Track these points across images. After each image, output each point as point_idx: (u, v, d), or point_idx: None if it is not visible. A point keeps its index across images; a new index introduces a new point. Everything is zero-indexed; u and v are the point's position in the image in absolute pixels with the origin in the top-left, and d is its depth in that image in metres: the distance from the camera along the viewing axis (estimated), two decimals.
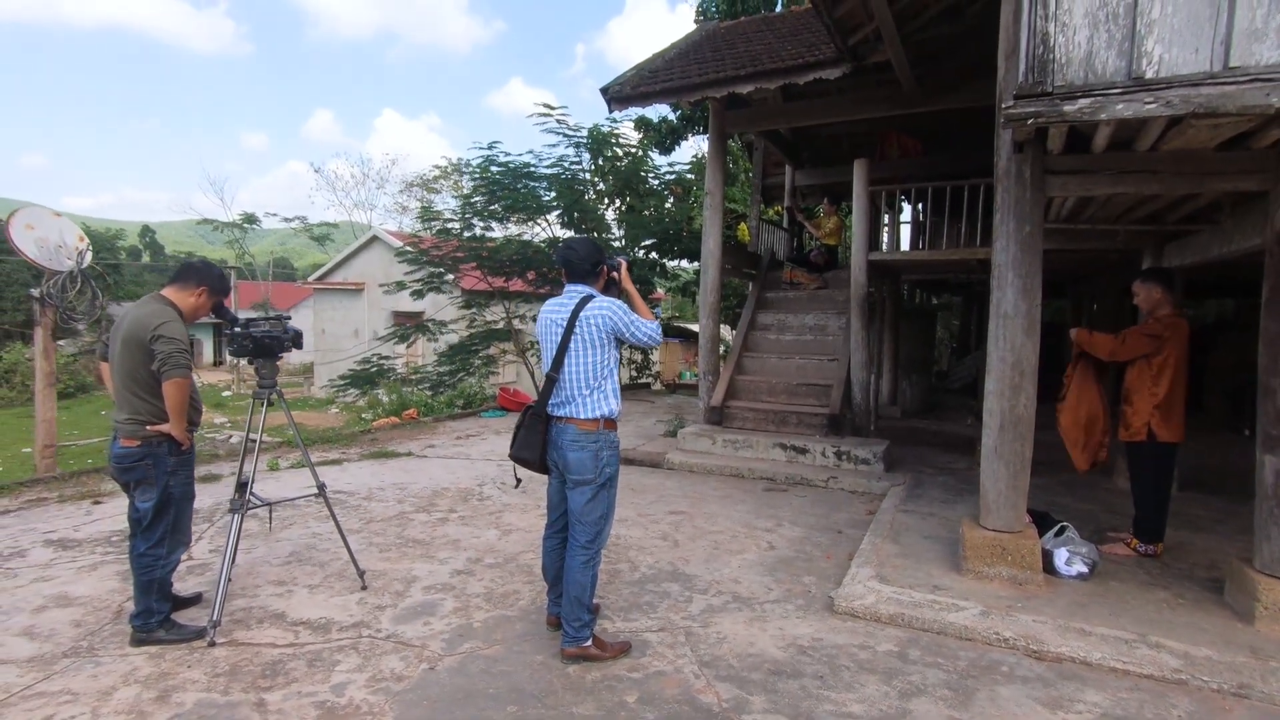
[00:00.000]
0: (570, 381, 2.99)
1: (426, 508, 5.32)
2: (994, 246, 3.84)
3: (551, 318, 3.08)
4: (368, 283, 23.65)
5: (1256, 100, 2.72)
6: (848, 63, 5.91)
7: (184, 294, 3.19)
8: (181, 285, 3.20)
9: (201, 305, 3.23)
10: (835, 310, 8.06)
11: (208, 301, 3.25)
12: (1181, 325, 4.31)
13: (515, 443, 3.14)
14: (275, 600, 3.61)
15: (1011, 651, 3.15)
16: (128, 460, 3.04)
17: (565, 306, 3.04)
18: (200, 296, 3.21)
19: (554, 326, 3.05)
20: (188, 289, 3.20)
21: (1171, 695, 2.82)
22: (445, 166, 35.17)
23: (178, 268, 3.29)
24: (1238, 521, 4.98)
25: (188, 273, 3.24)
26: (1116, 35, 2.93)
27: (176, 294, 3.18)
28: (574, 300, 3.03)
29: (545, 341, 3.10)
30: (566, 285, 3.13)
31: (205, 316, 3.37)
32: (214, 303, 3.28)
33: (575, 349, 2.98)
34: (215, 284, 3.26)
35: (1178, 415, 4.23)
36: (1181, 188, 3.60)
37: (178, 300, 3.17)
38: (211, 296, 3.25)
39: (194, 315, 3.22)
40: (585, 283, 3.11)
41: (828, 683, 2.89)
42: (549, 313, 3.11)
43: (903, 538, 4.50)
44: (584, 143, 14.32)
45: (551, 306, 3.12)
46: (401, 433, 8.67)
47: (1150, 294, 4.44)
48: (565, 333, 2.99)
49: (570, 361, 2.98)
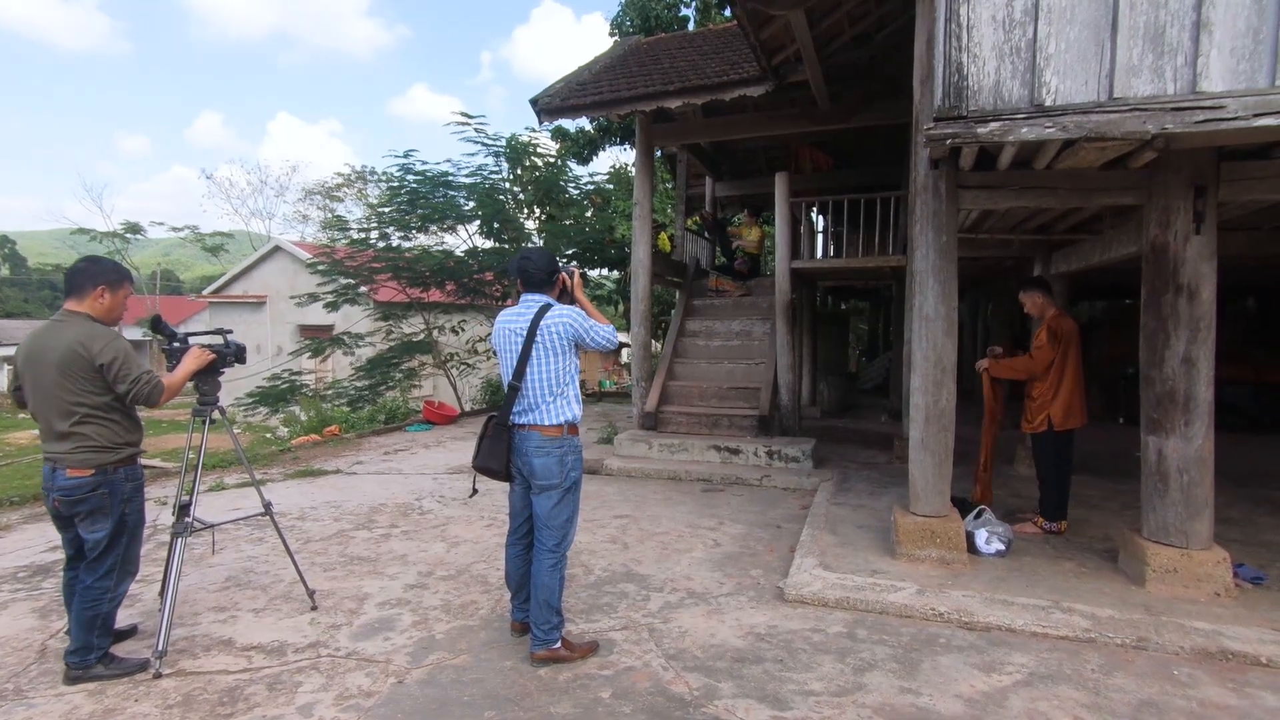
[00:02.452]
0: (533, 389, 3.04)
1: (366, 525, 5.18)
2: (914, 255, 4.18)
3: (510, 327, 3.11)
4: (270, 295, 22.47)
5: (1136, 127, 3.13)
6: (770, 81, 6.25)
7: (89, 302, 2.92)
8: (79, 295, 2.92)
9: (113, 305, 2.97)
10: (760, 316, 8.41)
11: (113, 299, 2.97)
12: (1069, 323, 4.83)
13: (479, 453, 3.16)
14: (219, 627, 3.45)
15: (946, 625, 3.45)
16: (79, 491, 2.82)
17: (524, 316, 3.08)
18: (103, 296, 2.94)
19: (513, 336, 3.09)
20: (86, 295, 2.92)
21: (1084, 652, 3.17)
22: (349, 174, 34.05)
23: (65, 280, 2.98)
24: (1122, 498, 5.59)
25: (78, 278, 2.93)
26: (1020, 67, 3.30)
27: (79, 304, 2.91)
28: (532, 309, 3.08)
29: (504, 351, 3.12)
30: (524, 295, 3.17)
31: (120, 317, 3.11)
32: (124, 295, 3.01)
33: (537, 357, 3.04)
34: (111, 276, 2.98)
35: (1076, 404, 4.72)
36: (1072, 201, 4.05)
37: (90, 310, 2.92)
38: (115, 291, 2.97)
39: (112, 318, 2.99)
40: (542, 291, 3.16)
41: (788, 665, 3.07)
42: (507, 322, 3.13)
43: (839, 528, 4.79)
44: (503, 152, 14.26)
45: (509, 316, 3.15)
46: (325, 450, 8.34)
47: (1034, 300, 4.99)
48: (526, 341, 3.04)
49: (532, 370, 3.04)
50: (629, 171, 18.25)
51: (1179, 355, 3.62)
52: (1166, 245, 3.65)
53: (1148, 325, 3.75)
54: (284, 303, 20.55)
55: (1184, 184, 3.60)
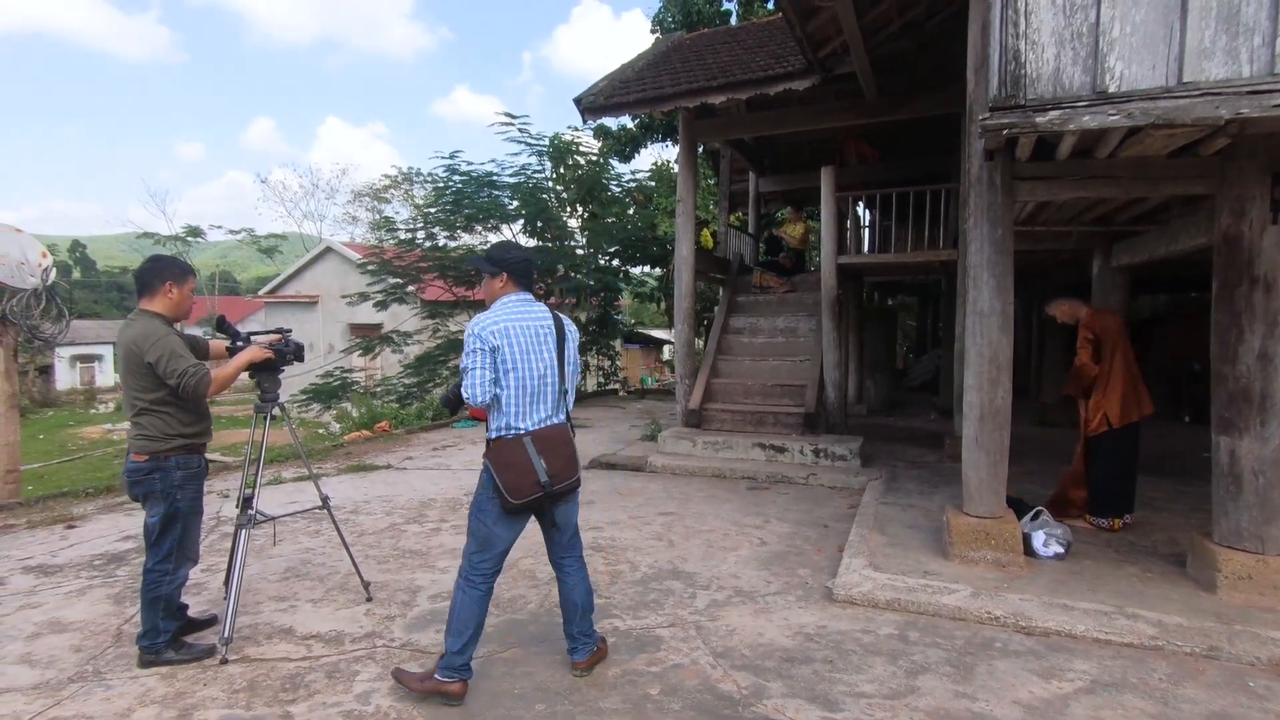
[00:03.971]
0: (567, 391, 2.95)
1: (417, 519, 5.31)
2: (968, 249, 4.07)
3: (537, 325, 2.84)
4: (322, 295, 23.14)
5: (1207, 112, 2.98)
6: (816, 74, 6.15)
7: (157, 299, 3.10)
8: (150, 293, 3.10)
9: (181, 299, 3.14)
10: (805, 313, 8.31)
11: (180, 293, 3.14)
12: (1106, 317, 4.68)
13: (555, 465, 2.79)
14: (280, 616, 3.58)
15: (1002, 629, 3.35)
16: (136, 475, 3.01)
17: (544, 313, 2.89)
18: (171, 291, 3.11)
19: (544, 333, 2.84)
20: (157, 292, 3.10)
21: (1150, 661, 3.05)
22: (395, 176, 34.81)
23: (136, 280, 3.15)
24: (1188, 500, 5.35)
25: (147, 276, 3.12)
26: (1081, 53, 3.18)
27: (151, 302, 3.10)
28: (543, 308, 2.92)
29: (532, 349, 2.79)
30: (520, 293, 2.89)
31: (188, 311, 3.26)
32: (189, 289, 3.18)
33: (569, 358, 2.93)
34: (175, 271, 3.14)
35: (1132, 397, 4.55)
36: (1137, 191, 3.89)
37: (157, 308, 3.10)
38: (181, 285, 3.14)
39: (179, 313, 3.16)
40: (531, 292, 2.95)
41: (838, 666, 3.04)
42: (533, 319, 2.83)
43: (888, 528, 4.70)
44: (546, 151, 14.39)
45: (527, 312, 2.85)
46: (376, 446, 8.56)
47: (1062, 309, 4.91)
48: (559, 341, 2.88)
49: (568, 371, 2.93)
50: (671, 168, 18.21)
51: (1254, 351, 3.44)
52: (1240, 235, 3.48)
53: (1220, 320, 3.57)
54: (335, 302, 21.17)
55: (1259, 171, 3.42)
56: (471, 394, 2.72)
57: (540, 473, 2.74)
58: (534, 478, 2.73)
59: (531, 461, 2.73)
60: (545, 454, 2.76)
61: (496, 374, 2.73)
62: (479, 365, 2.71)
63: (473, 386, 2.71)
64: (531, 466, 2.73)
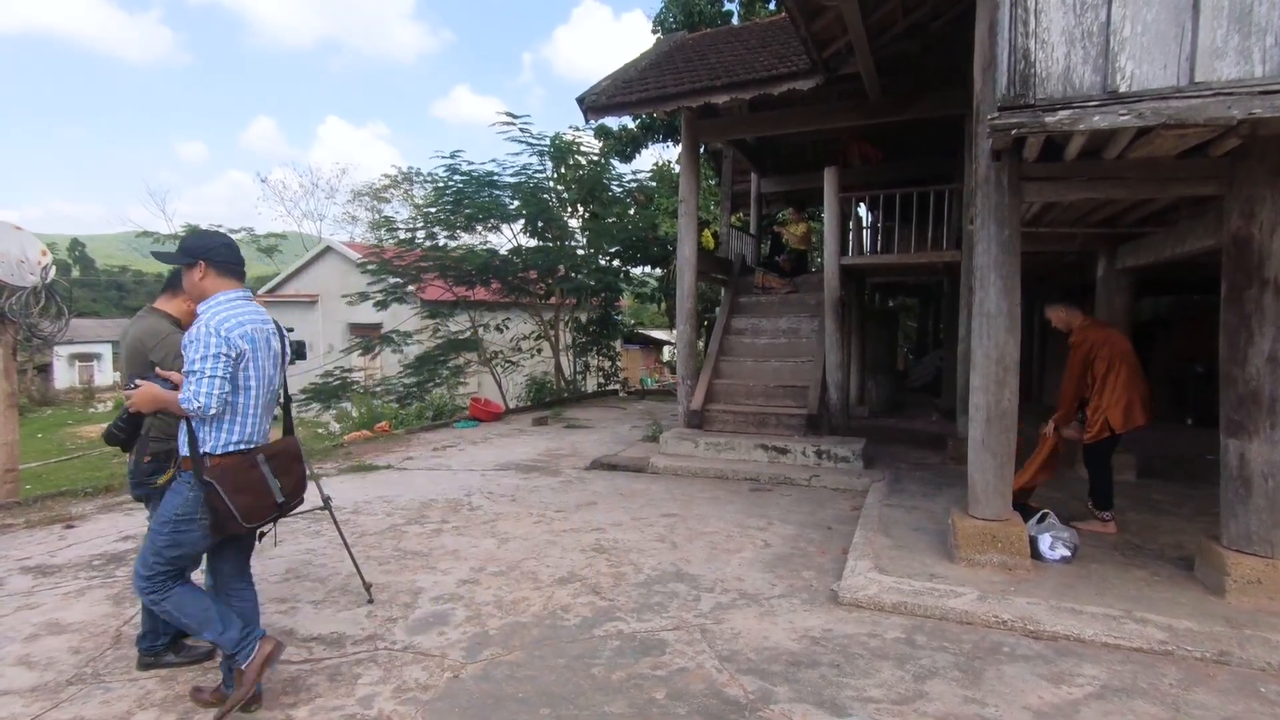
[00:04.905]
0: (291, 401, 2.80)
1: (418, 520, 5.27)
2: (975, 249, 4.04)
3: (268, 329, 2.60)
4: (321, 294, 23.10)
5: (1220, 112, 2.96)
6: (820, 74, 6.13)
7: (176, 301, 3.16)
8: (171, 293, 3.17)
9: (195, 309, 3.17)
10: (807, 313, 8.28)
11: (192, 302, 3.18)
12: (1101, 329, 4.69)
13: (286, 486, 2.64)
14: (280, 617, 3.55)
15: (1010, 633, 3.32)
16: (140, 476, 2.99)
17: (267, 315, 2.64)
18: (189, 301, 3.14)
19: (273, 338, 2.62)
20: (178, 295, 3.15)
21: (1160, 666, 3.02)
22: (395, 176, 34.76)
23: (168, 278, 3.22)
24: (1194, 503, 5.32)
25: (174, 280, 3.17)
26: (1092, 52, 3.15)
27: (168, 302, 3.16)
28: (262, 308, 2.68)
29: (265, 355, 2.56)
30: (237, 288, 2.61)
31: None
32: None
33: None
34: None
35: (1136, 405, 4.54)
36: (1145, 193, 3.86)
37: (170, 309, 3.15)
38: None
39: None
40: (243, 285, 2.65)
41: (845, 670, 3.01)
42: (262, 321, 2.56)
43: (893, 530, 4.67)
44: (547, 151, 14.36)
45: (256, 313, 2.57)
46: (376, 446, 8.52)
47: (1058, 315, 4.90)
48: (283, 347, 2.69)
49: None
50: (672, 169, 18.18)
51: (1264, 354, 3.42)
52: (1250, 237, 3.45)
53: (1229, 322, 3.55)
54: (334, 301, 21.13)
55: (1270, 172, 3.40)
56: (204, 403, 2.35)
57: (277, 493, 2.57)
58: (272, 499, 2.56)
59: (268, 481, 2.54)
60: (281, 473, 2.59)
61: (234, 383, 2.45)
62: (218, 372, 2.38)
63: (207, 395, 2.35)
64: (268, 487, 2.54)
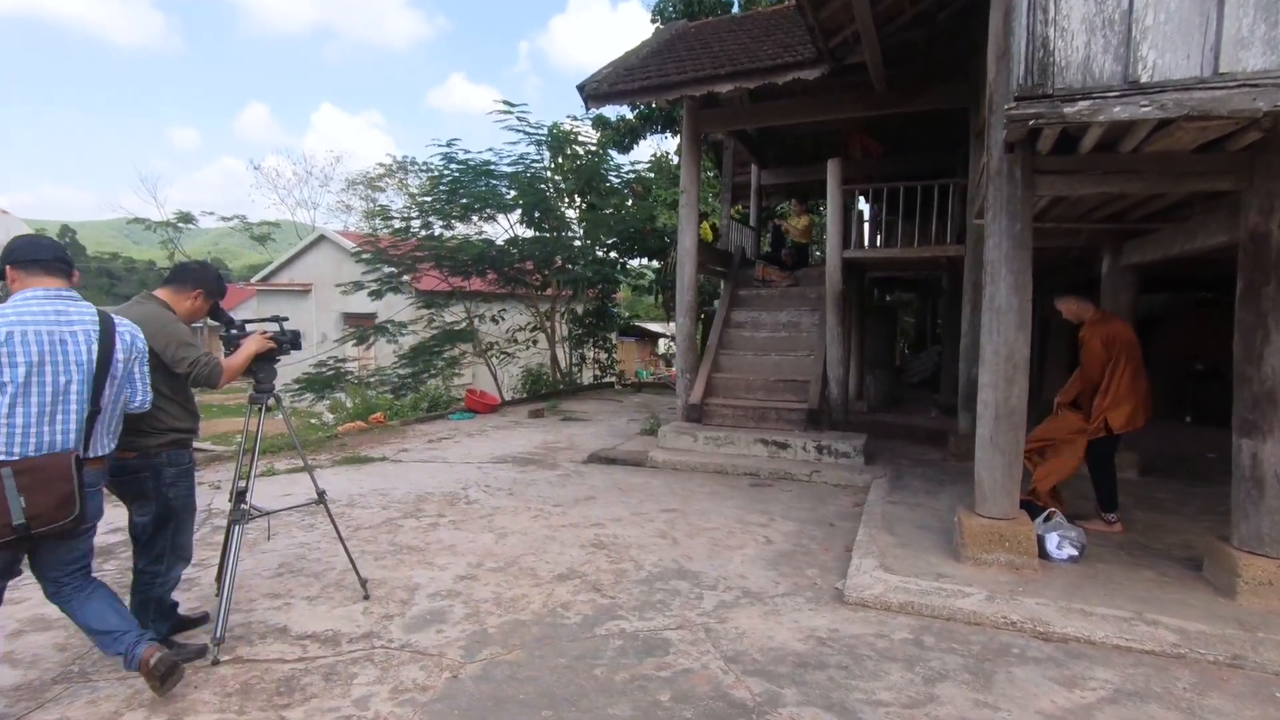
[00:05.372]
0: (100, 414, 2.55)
1: (414, 513, 5.18)
2: (986, 244, 3.96)
3: (63, 329, 2.41)
4: (315, 283, 22.90)
5: (1244, 104, 2.88)
6: (826, 64, 6.02)
7: (179, 297, 3.03)
8: (177, 287, 3.04)
9: (198, 309, 3.08)
10: (808, 307, 8.20)
11: (204, 305, 3.10)
12: (1113, 324, 4.61)
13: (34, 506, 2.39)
14: (274, 614, 3.46)
15: (1019, 634, 3.27)
16: (124, 473, 2.86)
17: (82, 314, 2.47)
18: (196, 300, 3.06)
19: (76, 339, 2.43)
20: (184, 292, 3.04)
21: (1173, 669, 2.97)
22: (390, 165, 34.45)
23: (172, 270, 3.13)
24: (1198, 502, 5.29)
25: (183, 274, 3.08)
26: (1113, 41, 3.07)
27: (171, 296, 3.03)
28: (87, 307, 2.51)
29: (51, 357, 2.38)
30: (45, 285, 2.45)
31: (200, 321, 3.21)
32: (210, 306, 3.12)
33: (119, 373, 2.57)
34: (212, 286, 3.11)
35: (1140, 406, 4.48)
36: (1161, 187, 3.79)
37: (172, 303, 3.02)
38: (208, 299, 3.10)
39: (190, 320, 3.07)
40: (66, 281, 2.52)
41: (853, 672, 2.94)
42: (57, 320, 2.40)
43: (897, 528, 4.61)
44: (544, 140, 14.21)
45: (53, 311, 2.40)
46: (371, 437, 8.42)
47: (1069, 306, 4.78)
48: (106, 351, 2.50)
49: (110, 391, 2.54)
50: (670, 160, 18.04)
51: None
52: (1268, 234, 3.39)
53: (1244, 320, 3.48)
54: (328, 290, 20.95)
55: None
56: None
57: (16, 513, 2.28)
58: (5, 519, 2.27)
59: (6, 500, 2.28)
60: (30, 490, 2.31)
61: None
62: None
63: None
64: (6, 505, 2.28)
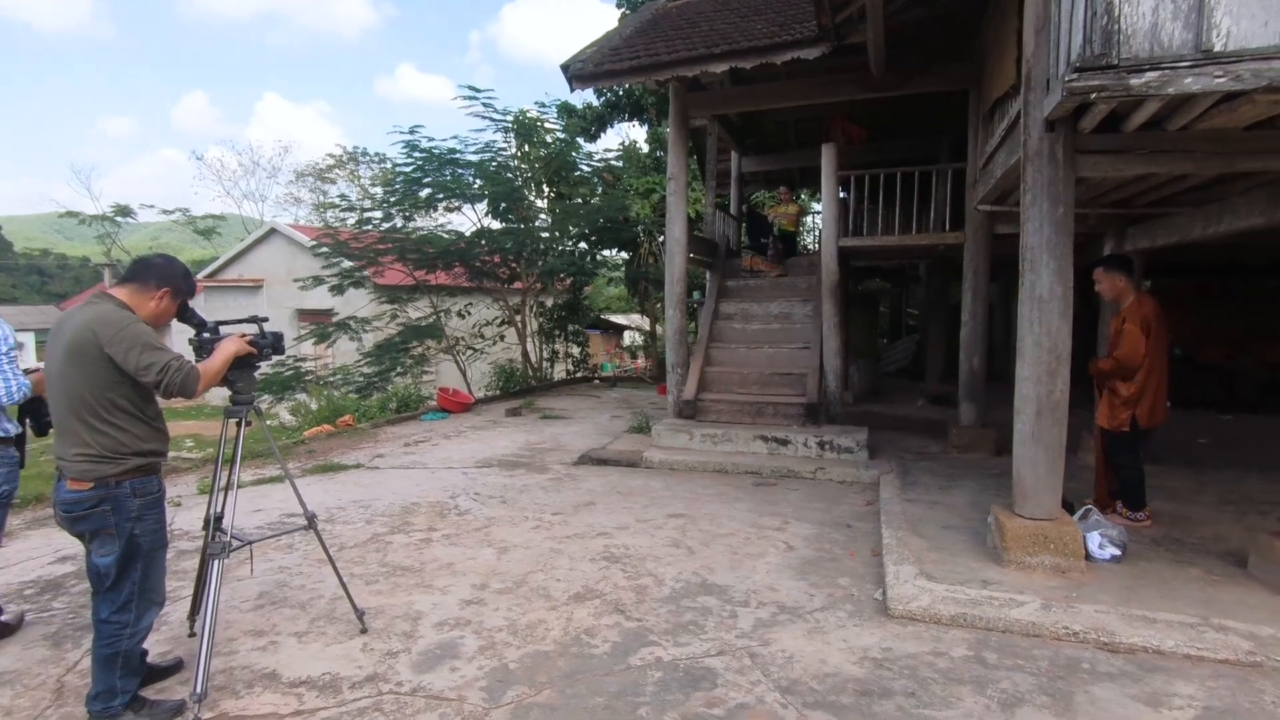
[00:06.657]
0: None
1: (402, 528, 4.76)
2: (1024, 229, 3.74)
3: None
4: (266, 279, 21.84)
5: None
6: (828, 42, 5.75)
7: (141, 297, 2.53)
8: (138, 286, 2.54)
9: (164, 311, 2.59)
10: (800, 297, 7.97)
11: (171, 306, 2.61)
12: (1145, 303, 4.43)
13: None
14: (259, 655, 3.03)
15: (1084, 646, 3.05)
16: (79, 508, 2.39)
17: None
18: (162, 300, 2.57)
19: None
20: (146, 291, 2.54)
21: (1254, 680, 2.78)
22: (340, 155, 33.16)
23: (131, 265, 2.62)
24: (1214, 490, 5.21)
25: (145, 270, 2.57)
26: (1183, 6, 2.85)
27: (131, 296, 2.52)
28: None
29: None
30: None
31: (167, 323, 2.72)
32: (178, 306, 2.66)
33: None
34: (180, 283, 2.62)
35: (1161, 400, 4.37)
36: (1212, 167, 3.61)
37: (134, 304, 2.51)
38: (175, 299, 2.62)
39: (155, 324, 2.57)
40: None
41: (922, 699, 2.68)
42: None
43: (922, 530, 4.39)
44: (511, 127, 13.69)
45: None
46: (341, 442, 7.89)
47: (1114, 283, 4.50)
48: None
49: None
50: (639, 148, 17.65)
51: None
52: None
53: None
54: (280, 286, 20.00)
55: None
56: None
57: None
58: None
59: None
60: None
61: None
62: None
63: None
64: None
